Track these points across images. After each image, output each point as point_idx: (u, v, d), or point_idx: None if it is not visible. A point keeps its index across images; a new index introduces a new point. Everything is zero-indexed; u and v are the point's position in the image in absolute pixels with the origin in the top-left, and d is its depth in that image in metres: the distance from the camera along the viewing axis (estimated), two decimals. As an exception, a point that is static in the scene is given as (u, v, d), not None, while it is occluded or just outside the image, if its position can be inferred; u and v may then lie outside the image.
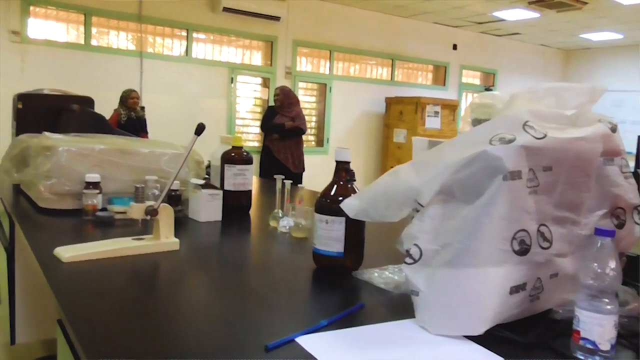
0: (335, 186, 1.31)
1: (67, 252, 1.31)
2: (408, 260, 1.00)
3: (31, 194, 1.93)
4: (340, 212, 1.21)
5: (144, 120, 5.69)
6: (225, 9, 6.83)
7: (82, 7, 6.19)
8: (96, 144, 2.00)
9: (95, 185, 1.86)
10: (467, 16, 8.40)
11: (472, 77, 10.03)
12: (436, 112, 8.06)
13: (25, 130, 2.90)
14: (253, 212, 2.13)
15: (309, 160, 6.04)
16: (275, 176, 1.96)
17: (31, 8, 5.97)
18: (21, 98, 2.85)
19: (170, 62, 6.84)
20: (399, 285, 1.17)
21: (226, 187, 2.01)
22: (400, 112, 8.20)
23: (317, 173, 7.52)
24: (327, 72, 8.22)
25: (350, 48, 8.26)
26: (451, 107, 8.40)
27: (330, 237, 1.27)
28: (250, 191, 2.10)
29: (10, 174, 2.13)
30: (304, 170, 5.76)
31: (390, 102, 8.41)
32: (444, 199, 1.02)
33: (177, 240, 1.48)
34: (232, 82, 7.30)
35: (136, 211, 1.44)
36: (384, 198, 1.09)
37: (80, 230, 1.74)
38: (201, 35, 7.12)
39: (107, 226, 1.77)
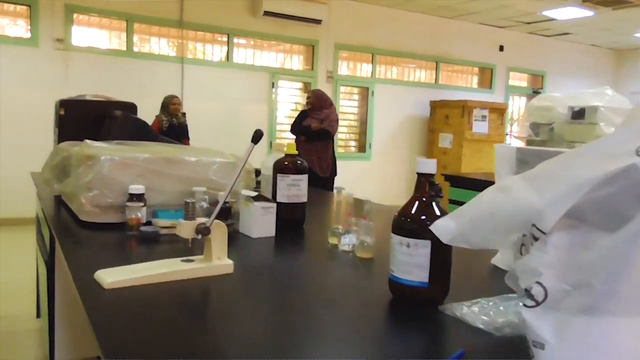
0: (416, 203, 1.11)
1: (109, 277, 1.15)
2: (528, 302, 0.79)
3: (72, 207, 1.80)
4: (424, 235, 1.02)
5: (186, 127, 5.61)
6: (266, 13, 6.72)
7: (124, 13, 6.18)
8: (140, 152, 1.86)
9: (139, 197, 1.72)
10: (514, 16, 8.06)
11: (519, 80, 9.65)
12: (484, 116, 7.74)
13: (67, 137, 2.81)
14: (306, 225, 1.95)
15: (350, 166, 5.87)
16: (335, 188, 1.77)
17: (75, 15, 5.99)
18: (63, 104, 2.76)
19: (211, 68, 6.77)
20: (501, 327, 0.96)
21: (279, 199, 1.84)
22: (445, 116, 7.92)
23: (358, 180, 7.34)
24: (369, 75, 8.01)
25: (392, 50, 8.04)
26: (499, 111, 8.06)
27: (412, 263, 1.08)
28: (305, 204, 1.92)
29: (50, 184, 2.02)
30: (334, 175, 5.56)
31: (435, 105, 8.15)
32: (572, 224, 0.80)
33: (230, 262, 1.31)
34: (272, 87, 7.18)
35: (186, 230, 1.28)
36: (491, 221, 0.88)
37: (123, 247, 1.60)
38: (241, 40, 7.03)
39: (151, 242, 1.62)
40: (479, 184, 4.13)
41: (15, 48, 5.72)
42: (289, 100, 7.59)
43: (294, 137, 5.83)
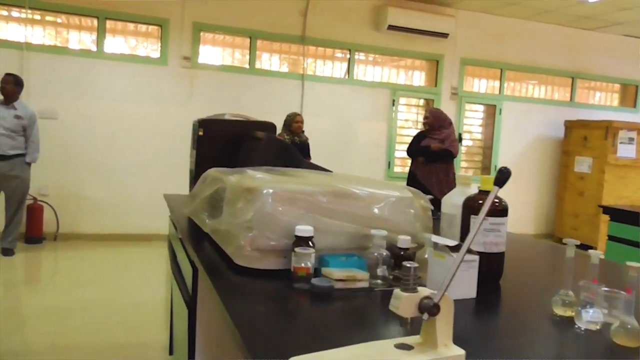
0: None
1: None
2: None
3: (228, 249, 1.52)
4: None
5: (308, 145, 5.40)
6: (390, 27, 6.40)
7: (248, 30, 6.14)
8: (305, 184, 1.56)
9: (308, 240, 1.41)
10: (668, 25, 7.12)
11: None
12: (631, 139, 6.85)
13: (205, 159, 2.62)
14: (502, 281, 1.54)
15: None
16: (565, 241, 1.35)
17: (201, 34, 6.03)
18: (203, 124, 2.57)
19: (331, 84, 6.55)
20: None
21: (472, 247, 1.44)
22: (584, 137, 7.11)
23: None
24: (497, 92, 7.41)
25: (523, 65, 7.38)
26: (649, 133, 7.10)
27: None
28: (504, 254, 1.52)
29: (200, 219, 1.77)
30: None
31: (570, 125, 7.35)
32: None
33: (461, 352, 0.93)
34: (393, 105, 6.82)
35: (407, 306, 0.92)
36: None
37: (291, 303, 1.30)
38: (362, 56, 6.76)
39: (325, 300, 1.30)
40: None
41: (145, 67, 5.85)
42: (410, 119, 7.18)
43: (411, 159, 5.43)
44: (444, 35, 6.66)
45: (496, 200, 1.52)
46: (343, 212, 1.52)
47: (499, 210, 1.51)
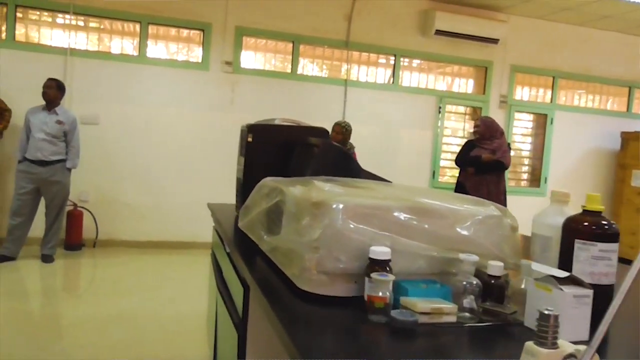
0: None
1: None
2: None
3: (289, 270, 1.34)
4: None
5: (353, 155, 5.20)
6: (438, 32, 6.16)
7: (291, 34, 6.00)
8: (379, 198, 1.36)
9: (384, 264, 1.21)
10: None
11: None
12: (694, 152, 6.41)
13: (254, 167, 2.46)
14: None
15: (520, 202, 5.07)
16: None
17: (243, 38, 5.92)
18: (252, 130, 2.40)
19: (374, 91, 6.35)
20: None
21: (579, 277, 1.22)
22: (643, 150, 6.70)
23: (530, 219, 6.38)
24: (549, 101, 7.07)
25: (577, 74, 7.02)
26: None
27: None
28: (613, 286, 1.28)
29: (257, 235, 1.59)
30: None
31: (627, 137, 6.95)
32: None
33: None
34: (439, 112, 6.57)
35: (549, 367, 0.71)
36: None
37: (366, 339, 1.10)
38: (407, 62, 6.53)
39: (407, 336, 1.09)
40: None
41: (186, 72, 5.77)
42: (457, 127, 6.91)
43: (459, 169, 5.21)
44: (494, 41, 6.38)
45: (604, 223, 1.30)
46: (422, 231, 1.31)
47: (609, 234, 1.28)
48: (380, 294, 1.16)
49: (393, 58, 6.42)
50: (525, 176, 7.09)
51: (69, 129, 4.85)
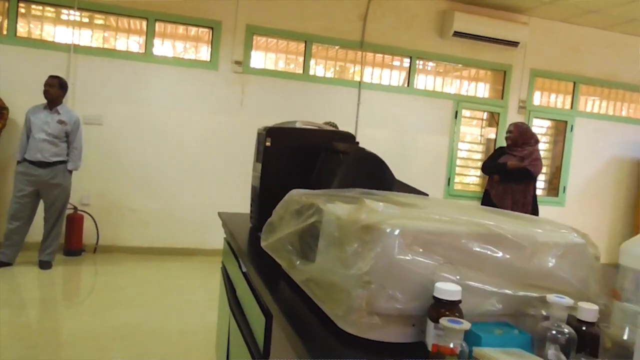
0: None
1: None
2: None
3: (330, 307, 1.09)
4: None
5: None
6: (456, 34, 5.92)
7: (304, 34, 5.76)
8: (436, 220, 1.11)
9: (454, 307, 0.96)
10: None
11: None
12: None
13: (272, 174, 2.21)
14: None
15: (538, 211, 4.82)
16: None
17: (254, 37, 5.69)
18: (271, 133, 2.16)
19: (389, 93, 6.10)
20: None
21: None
22: (667, 159, 6.43)
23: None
24: (569, 107, 6.81)
25: (599, 79, 6.76)
26: None
27: None
28: None
29: (288, 261, 1.34)
30: None
31: (650, 145, 6.68)
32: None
33: None
34: (455, 117, 6.31)
35: None
36: None
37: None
38: (422, 65, 6.28)
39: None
40: None
41: (195, 71, 5.53)
42: (474, 133, 6.66)
43: (487, 176, 5.01)
44: (514, 44, 6.13)
45: None
46: (495, 263, 1.07)
47: None
48: (452, 344, 0.90)
49: (409, 60, 6.17)
50: (543, 185, 6.82)
51: (71, 129, 4.61)
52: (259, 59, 5.88)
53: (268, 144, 2.18)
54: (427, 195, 1.97)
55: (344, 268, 1.05)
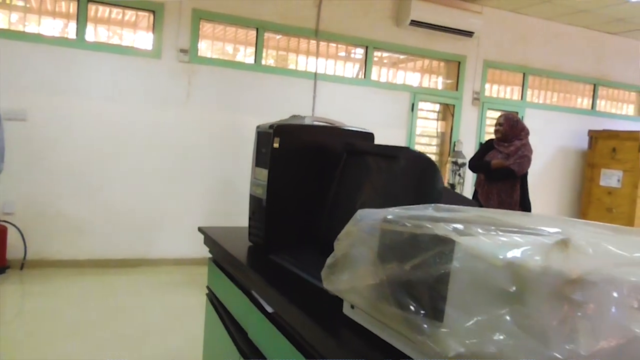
0: None
1: None
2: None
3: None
4: None
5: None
6: (413, 23, 5.69)
7: (255, 20, 5.30)
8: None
9: None
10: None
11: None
12: (663, 151, 6.35)
13: (281, 181, 1.81)
14: None
15: None
16: None
17: (201, 24, 5.15)
18: (279, 132, 1.75)
19: (345, 85, 5.78)
20: None
21: None
22: (612, 149, 6.58)
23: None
24: (519, 98, 6.81)
25: (546, 70, 6.80)
26: (682, 145, 6.63)
27: None
28: None
29: (384, 312, 0.95)
30: None
31: (596, 136, 6.82)
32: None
33: None
34: (412, 110, 6.11)
35: None
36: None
37: None
38: (379, 55, 6.02)
39: None
40: None
41: (134, 60, 4.93)
42: (427, 126, 6.50)
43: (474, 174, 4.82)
44: (469, 34, 5.99)
45: None
46: None
47: None
48: None
49: (365, 50, 5.87)
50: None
51: (-10, 126, 3.91)
52: (208, 48, 5.36)
53: (276, 145, 1.78)
54: (480, 204, 1.66)
55: (538, 340, 0.69)
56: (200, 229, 2.20)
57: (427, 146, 6.45)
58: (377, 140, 6.49)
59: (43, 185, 4.69)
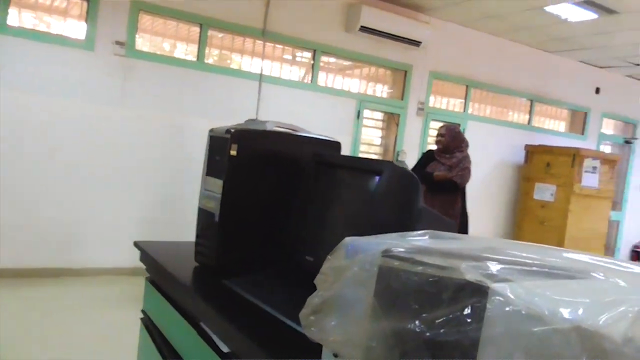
0: None
1: None
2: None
3: None
4: None
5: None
6: (363, 29, 5.59)
7: (199, 16, 5.01)
8: None
9: None
10: (621, 55, 6.98)
11: (606, 126, 8.54)
12: (594, 168, 6.61)
13: (238, 194, 1.58)
14: None
15: None
16: None
17: (140, 15, 4.80)
18: (237, 138, 1.53)
19: (292, 89, 5.59)
20: None
21: None
22: (547, 163, 6.77)
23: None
24: (462, 110, 6.88)
25: (488, 84, 6.92)
26: (611, 163, 6.92)
27: None
28: None
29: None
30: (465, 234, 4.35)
31: (532, 150, 7.00)
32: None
33: None
34: (357, 117, 6.00)
35: None
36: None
37: None
38: (325, 59, 5.87)
39: None
40: None
41: (63, 50, 4.51)
42: (372, 135, 6.42)
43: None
44: (417, 44, 5.97)
45: None
46: None
47: None
48: None
49: (312, 53, 5.71)
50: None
51: None
52: (147, 42, 5.01)
53: (233, 152, 1.56)
54: (453, 223, 1.51)
55: None
56: (136, 244, 1.93)
57: (370, 155, 6.36)
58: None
59: (-48, 184, 4.19)
